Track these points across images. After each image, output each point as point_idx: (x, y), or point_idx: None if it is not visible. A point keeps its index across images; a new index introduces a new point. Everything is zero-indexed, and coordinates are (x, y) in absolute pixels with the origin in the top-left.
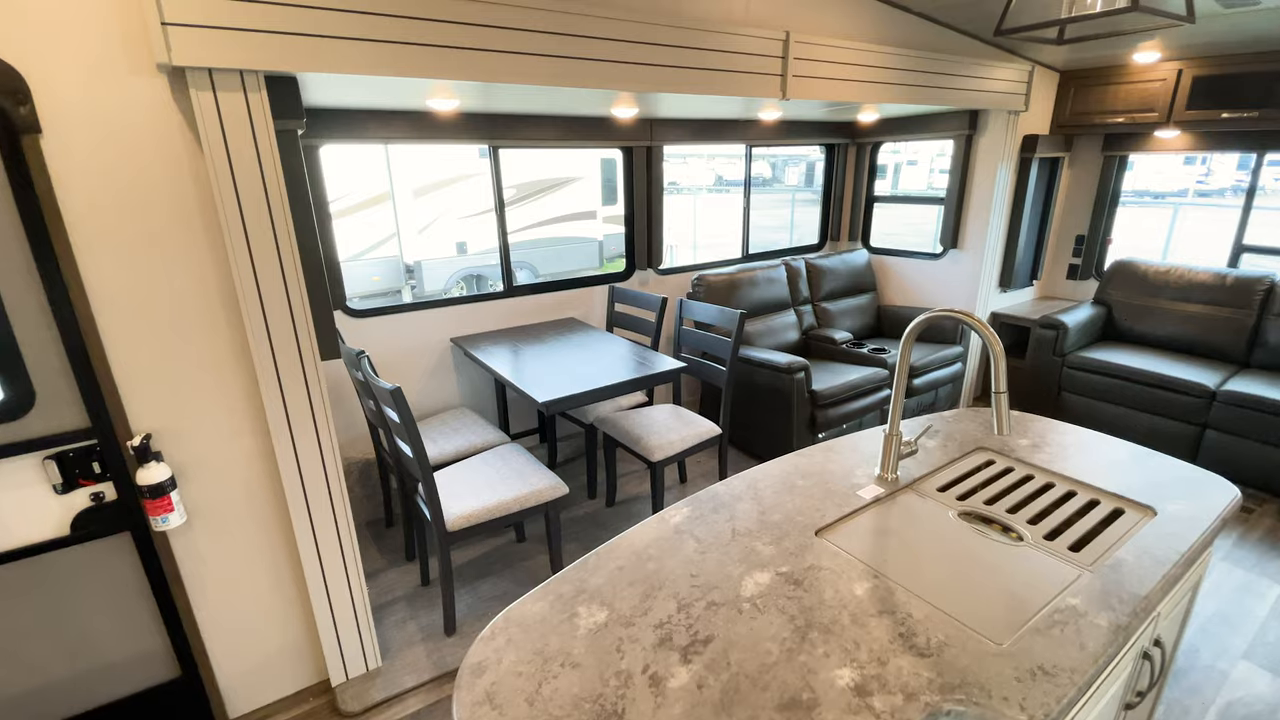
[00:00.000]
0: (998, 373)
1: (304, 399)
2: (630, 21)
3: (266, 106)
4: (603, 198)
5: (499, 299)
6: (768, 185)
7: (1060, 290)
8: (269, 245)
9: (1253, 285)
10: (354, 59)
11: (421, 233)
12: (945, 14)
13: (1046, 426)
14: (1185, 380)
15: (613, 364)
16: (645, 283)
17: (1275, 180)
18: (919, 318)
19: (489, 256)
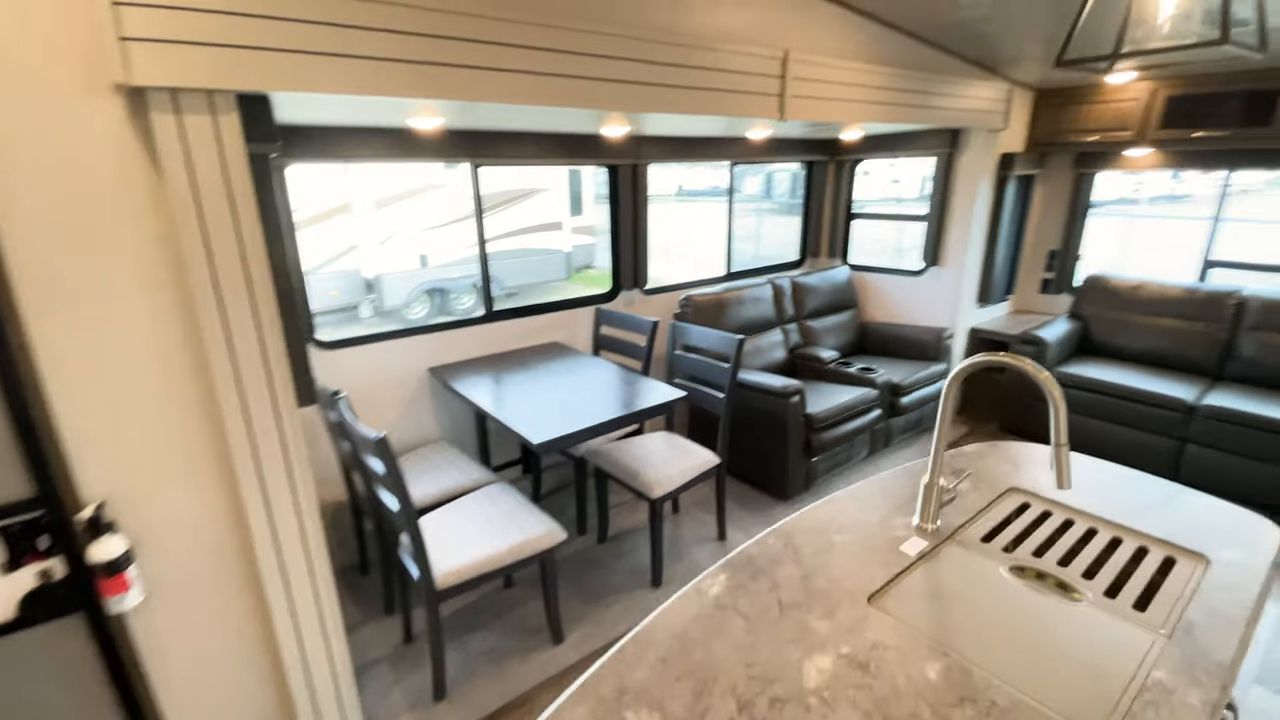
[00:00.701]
0: (1058, 424)
1: (278, 452)
2: (624, 38)
3: (238, 129)
4: (570, 209)
5: (479, 324)
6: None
7: (1034, 304)
8: (239, 283)
9: (1223, 300)
10: (334, 77)
11: (382, 245)
12: (932, 33)
13: (1073, 462)
14: (1165, 395)
15: (604, 393)
16: (631, 303)
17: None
18: (967, 363)
19: (452, 269)
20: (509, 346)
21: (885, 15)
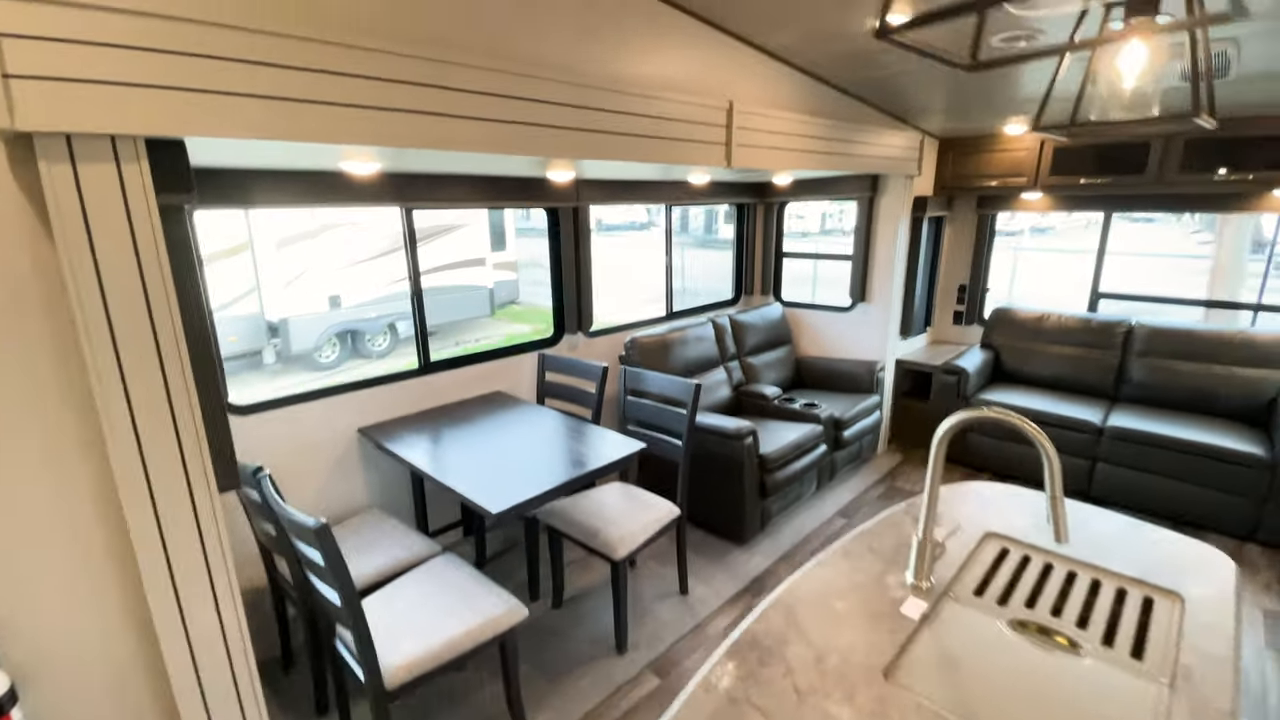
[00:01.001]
0: (1053, 477)
1: (195, 548)
2: (571, 85)
3: (147, 178)
4: (491, 244)
5: (413, 377)
6: (644, 228)
7: (949, 335)
8: (147, 353)
9: (1114, 329)
10: (257, 121)
11: (289, 286)
12: (856, 87)
13: (1028, 500)
14: (1076, 418)
15: (556, 447)
16: (575, 347)
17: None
18: (957, 419)
19: (367, 309)
20: (447, 399)
21: (816, 70)
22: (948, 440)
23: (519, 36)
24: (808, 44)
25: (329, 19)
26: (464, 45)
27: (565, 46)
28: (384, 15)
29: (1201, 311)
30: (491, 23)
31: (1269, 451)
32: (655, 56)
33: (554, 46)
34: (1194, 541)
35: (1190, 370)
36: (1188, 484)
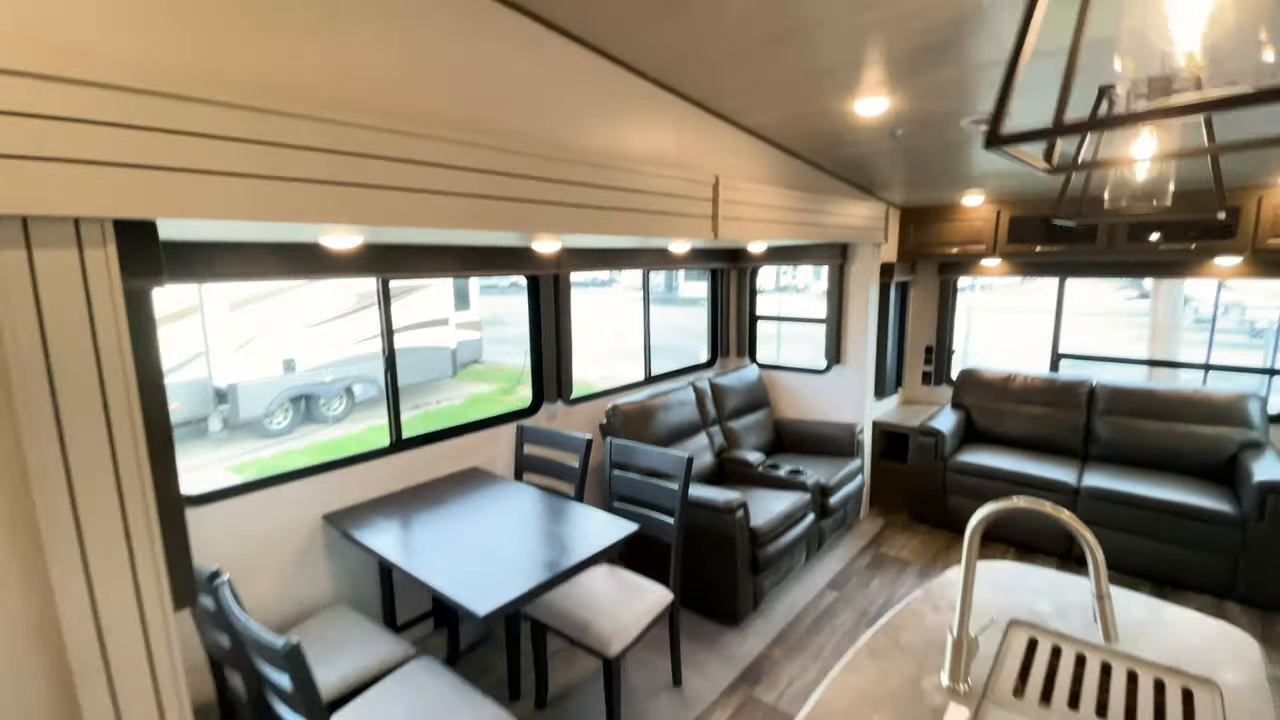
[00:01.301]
0: (1098, 574)
1: (144, 675)
2: (565, 161)
3: (114, 262)
4: (455, 303)
5: (383, 456)
6: (606, 284)
7: (919, 395)
8: (99, 452)
9: (1077, 388)
10: (238, 201)
11: (239, 350)
12: (827, 162)
13: (1053, 582)
14: (1053, 479)
15: (539, 530)
16: (554, 416)
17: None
18: (990, 510)
19: (324, 372)
20: (420, 478)
21: (792, 146)
22: (980, 531)
23: (513, 114)
24: (786, 124)
25: (310, 95)
26: (454, 122)
27: (561, 125)
28: (367, 91)
29: (1145, 368)
30: (483, 100)
31: (1237, 508)
32: (647, 134)
33: (552, 125)
34: (1215, 621)
35: (1154, 429)
36: (1165, 543)
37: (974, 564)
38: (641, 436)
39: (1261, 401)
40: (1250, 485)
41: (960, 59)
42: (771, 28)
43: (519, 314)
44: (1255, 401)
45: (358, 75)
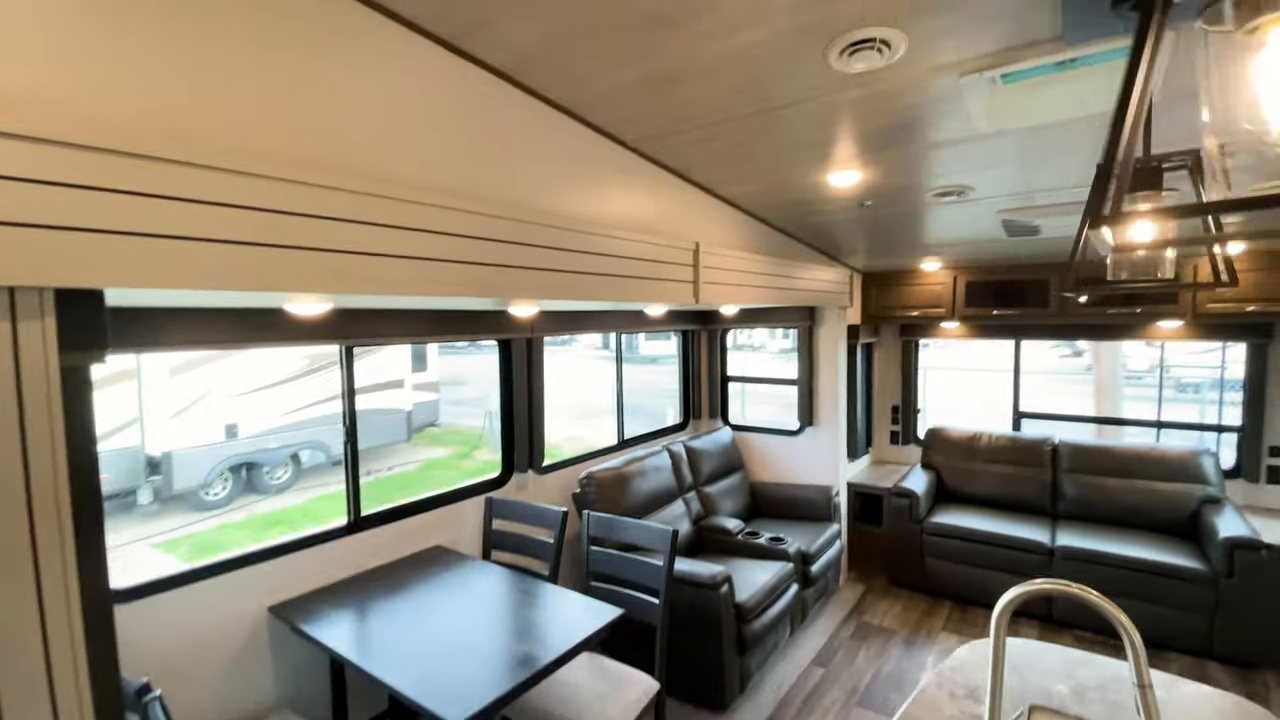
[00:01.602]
0: (1139, 663)
1: None
2: (548, 227)
3: (51, 335)
4: (413, 364)
5: (339, 538)
6: (566, 343)
7: (889, 455)
8: (18, 557)
9: (1040, 447)
10: (196, 268)
11: (176, 417)
12: (795, 230)
13: (1062, 658)
14: (1028, 539)
15: (513, 618)
16: (524, 486)
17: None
18: (1017, 593)
19: (269, 439)
20: (378, 560)
21: (763, 214)
22: (1008, 616)
23: (494, 178)
24: (760, 195)
25: (279, 155)
26: (432, 185)
27: (545, 190)
28: (340, 152)
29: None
30: (464, 164)
31: (1208, 565)
32: (630, 201)
33: (535, 190)
34: (1232, 698)
35: (1116, 486)
36: (1141, 602)
37: (1002, 652)
38: (618, 505)
39: (1214, 457)
40: (1217, 542)
41: (929, 136)
42: (752, 107)
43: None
44: (1209, 457)
45: (330, 135)
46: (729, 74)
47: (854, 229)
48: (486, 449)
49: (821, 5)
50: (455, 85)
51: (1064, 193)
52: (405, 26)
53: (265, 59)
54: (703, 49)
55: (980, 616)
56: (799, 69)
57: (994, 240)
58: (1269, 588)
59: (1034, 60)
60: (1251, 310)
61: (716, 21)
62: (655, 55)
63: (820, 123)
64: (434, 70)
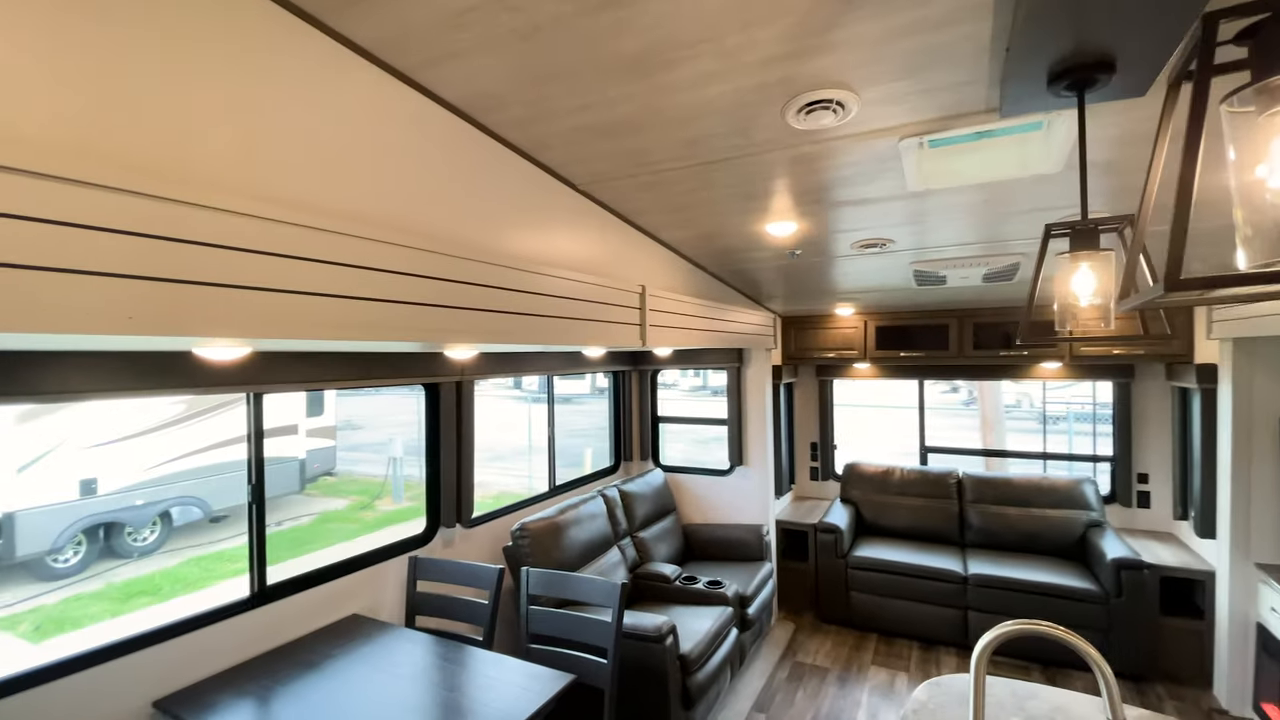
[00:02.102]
0: (1112, 697)
1: None
2: (493, 266)
3: None
4: (307, 408)
5: (241, 613)
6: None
7: (809, 491)
8: None
9: (946, 479)
10: (102, 310)
11: (21, 472)
12: (726, 275)
13: (1010, 693)
14: (943, 569)
15: (445, 694)
16: (450, 543)
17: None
18: (997, 634)
19: (135, 494)
20: (286, 636)
21: (698, 259)
22: (988, 655)
23: (443, 217)
24: (697, 241)
25: (200, 179)
26: (377, 221)
27: (493, 230)
28: (279, 182)
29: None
30: (412, 201)
31: (1099, 586)
32: (578, 243)
33: (483, 229)
34: (1159, 716)
35: (1016, 514)
36: None
37: (983, 691)
38: (552, 557)
39: (1095, 485)
40: (1106, 563)
41: (864, 192)
42: (706, 156)
43: (378, 417)
44: (1090, 485)
45: (269, 163)
46: (688, 125)
47: (779, 275)
48: (389, 499)
49: (788, 64)
50: (408, 118)
51: (970, 247)
52: (361, 55)
53: (204, 76)
54: (668, 100)
55: (904, 648)
56: (757, 123)
57: (904, 289)
58: (1151, 605)
59: (961, 129)
60: (1117, 354)
61: (687, 74)
62: (621, 104)
63: (768, 175)
64: (386, 101)
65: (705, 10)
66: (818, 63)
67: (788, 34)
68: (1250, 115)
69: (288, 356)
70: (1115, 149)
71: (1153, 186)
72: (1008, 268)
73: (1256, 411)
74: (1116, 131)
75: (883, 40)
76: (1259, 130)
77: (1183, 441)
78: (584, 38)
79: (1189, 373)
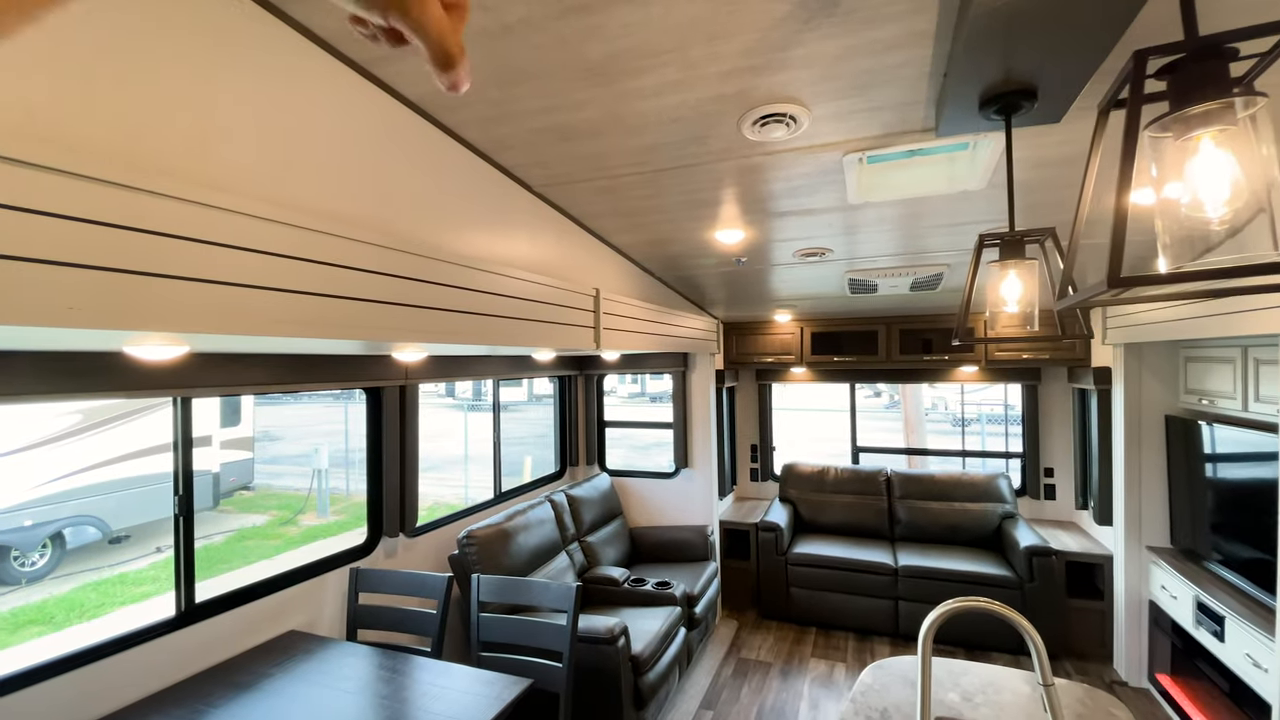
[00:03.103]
0: (1043, 665)
1: None
2: (449, 264)
3: None
4: (222, 418)
5: (164, 635)
6: None
7: (750, 492)
8: None
9: (876, 477)
10: (28, 300)
11: None
12: (673, 280)
13: (946, 671)
14: (876, 562)
15: (393, 708)
16: (393, 553)
17: None
18: (942, 611)
19: (18, 515)
20: (217, 656)
21: (646, 264)
22: (933, 634)
23: (397, 213)
24: (646, 245)
25: (135, 160)
26: (325, 214)
27: (448, 229)
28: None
29: (909, 454)
30: (365, 196)
31: (1014, 572)
32: (534, 245)
33: (438, 228)
34: (1083, 687)
35: (939, 508)
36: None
37: (929, 671)
38: (500, 563)
39: (1008, 479)
40: (1020, 551)
41: (808, 203)
42: (662, 163)
43: (300, 427)
44: (1004, 480)
45: (224, 152)
46: (648, 132)
47: (723, 282)
48: (313, 513)
49: (748, 77)
50: (364, 112)
51: (899, 257)
52: (321, 46)
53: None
54: (630, 107)
55: (841, 640)
56: (714, 132)
57: (838, 296)
58: (1059, 588)
59: (901, 146)
60: (1026, 358)
61: (651, 83)
62: (585, 108)
63: (720, 183)
64: (344, 94)
65: (673, 22)
66: (775, 78)
67: (750, 49)
68: (1169, 140)
69: (222, 358)
70: (1031, 170)
71: (1086, 197)
72: (932, 277)
73: (1145, 409)
74: (1032, 154)
75: (836, 59)
76: (1176, 153)
77: (1082, 438)
78: (553, 41)
79: (1088, 375)
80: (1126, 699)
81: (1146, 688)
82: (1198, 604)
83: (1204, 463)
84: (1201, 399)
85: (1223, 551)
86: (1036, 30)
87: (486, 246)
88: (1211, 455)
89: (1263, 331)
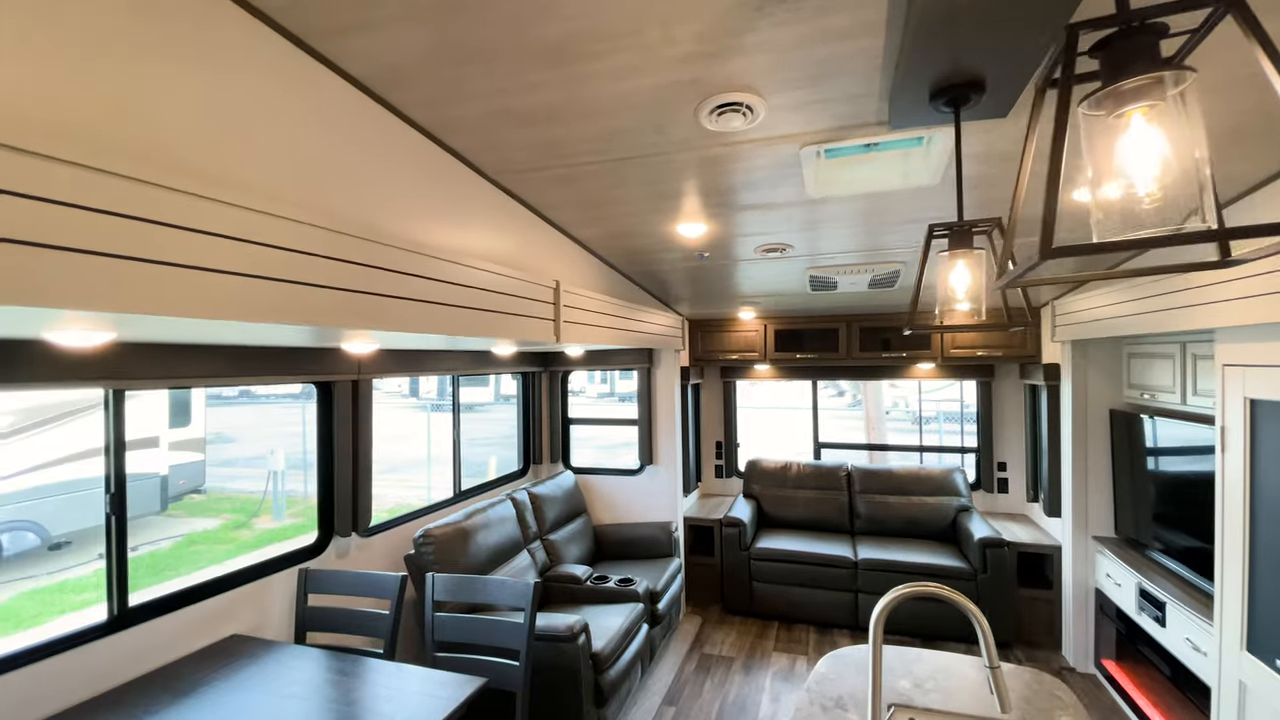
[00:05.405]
0: (989, 648)
1: None
2: (407, 252)
3: None
4: (171, 418)
5: (96, 639)
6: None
7: (714, 488)
8: None
9: (837, 472)
10: None
11: None
12: (638, 276)
13: (898, 658)
14: (836, 555)
15: (344, 712)
16: (345, 554)
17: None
18: (892, 596)
19: None
20: (152, 663)
21: (610, 258)
22: (884, 620)
23: (343, 197)
24: (608, 240)
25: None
26: (273, 196)
27: (405, 216)
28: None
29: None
30: (310, 178)
31: (968, 563)
32: (489, 234)
33: (395, 215)
34: (1031, 671)
35: (897, 502)
36: (924, 602)
37: (880, 658)
38: (458, 563)
39: (963, 474)
40: (973, 543)
41: (768, 198)
42: (620, 153)
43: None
44: (959, 474)
45: (155, 124)
46: (605, 118)
47: (687, 278)
48: (268, 516)
49: (703, 64)
50: (307, 90)
51: (858, 254)
52: (262, 21)
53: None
54: (586, 90)
55: (802, 633)
56: (673, 121)
57: (800, 293)
58: (1011, 578)
59: (854, 140)
60: (981, 355)
61: (608, 66)
62: (539, 90)
63: (680, 174)
64: (287, 71)
65: (629, 4)
66: (730, 65)
67: (704, 34)
68: (1101, 117)
69: (156, 348)
70: (982, 165)
71: (1024, 175)
72: (889, 275)
73: (1091, 404)
74: (984, 149)
75: (789, 48)
76: (1108, 130)
77: (1033, 433)
78: (506, 19)
79: (1038, 371)
80: (1073, 684)
81: (1093, 673)
82: (1140, 591)
83: (1146, 455)
84: (1144, 393)
85: (1164, 540)
86: (981, 19)
87: (442, 235)
88: (1153, 448)
89: (1199, 326)
